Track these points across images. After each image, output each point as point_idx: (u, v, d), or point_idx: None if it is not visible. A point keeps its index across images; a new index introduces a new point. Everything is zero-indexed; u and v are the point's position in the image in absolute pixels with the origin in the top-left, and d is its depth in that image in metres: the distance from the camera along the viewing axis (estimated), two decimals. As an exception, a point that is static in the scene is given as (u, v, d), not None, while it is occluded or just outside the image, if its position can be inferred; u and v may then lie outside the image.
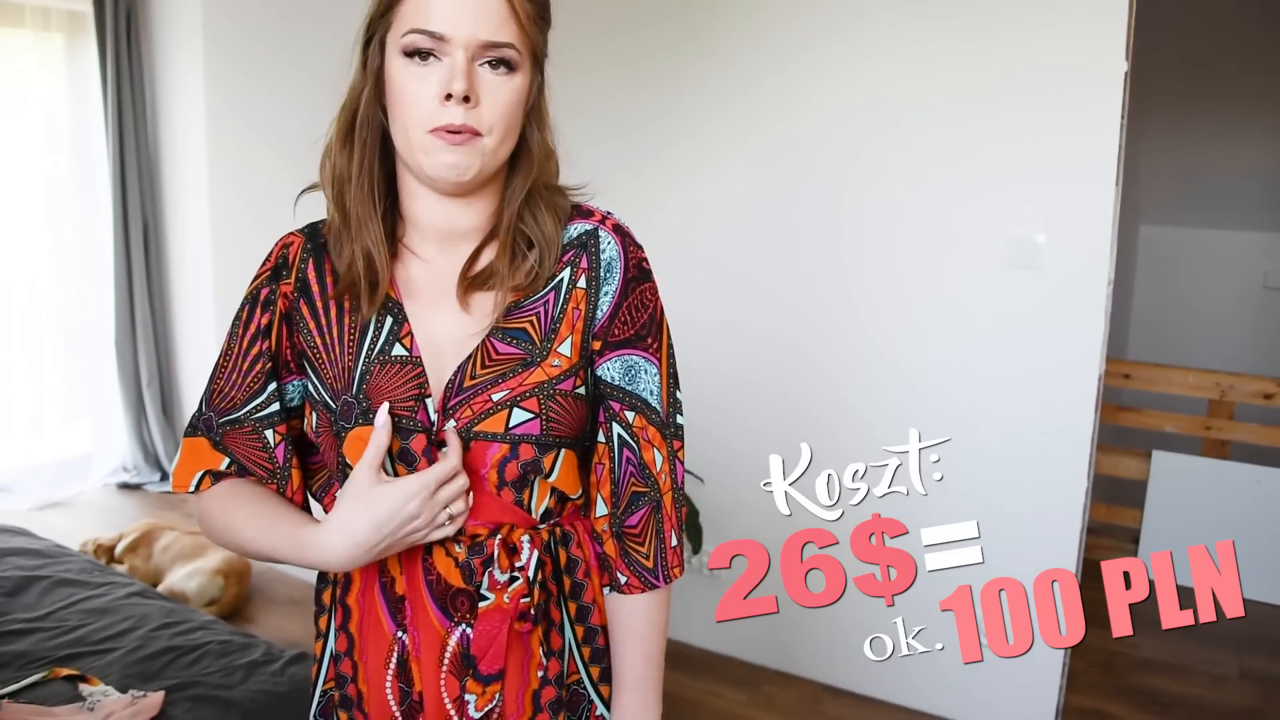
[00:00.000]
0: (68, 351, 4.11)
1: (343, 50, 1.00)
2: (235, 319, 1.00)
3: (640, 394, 0.99)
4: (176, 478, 1.01)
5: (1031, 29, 2.25)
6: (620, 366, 0.98)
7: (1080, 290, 2.27)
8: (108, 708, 1.69)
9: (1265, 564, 3.25)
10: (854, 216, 2.55)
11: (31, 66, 3.82)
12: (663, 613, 1.01)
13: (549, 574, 0.97)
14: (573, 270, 0.97)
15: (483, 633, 0.93)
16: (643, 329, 0.99)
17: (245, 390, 0.99)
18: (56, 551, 2.47)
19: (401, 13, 0.89)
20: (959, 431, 2.44)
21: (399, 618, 0.96)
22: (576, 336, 0.96)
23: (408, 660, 0.96)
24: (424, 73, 0.88)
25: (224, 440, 0.99)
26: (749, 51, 2.61)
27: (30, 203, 3.91)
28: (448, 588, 0.94)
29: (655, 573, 0.99)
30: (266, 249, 1.03)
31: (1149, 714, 2.65)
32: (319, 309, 0.98)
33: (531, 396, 0.93)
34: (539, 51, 0.94)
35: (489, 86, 0.89)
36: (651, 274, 1.02)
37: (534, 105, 0.95)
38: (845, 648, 2.61)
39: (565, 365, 0.95)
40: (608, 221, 1.00)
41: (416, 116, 0.89)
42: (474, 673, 0.94)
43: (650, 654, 1.00)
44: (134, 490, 4.17)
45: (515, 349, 0.94)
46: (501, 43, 0.88)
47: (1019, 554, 2.35)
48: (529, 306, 0.96)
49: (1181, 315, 4.48)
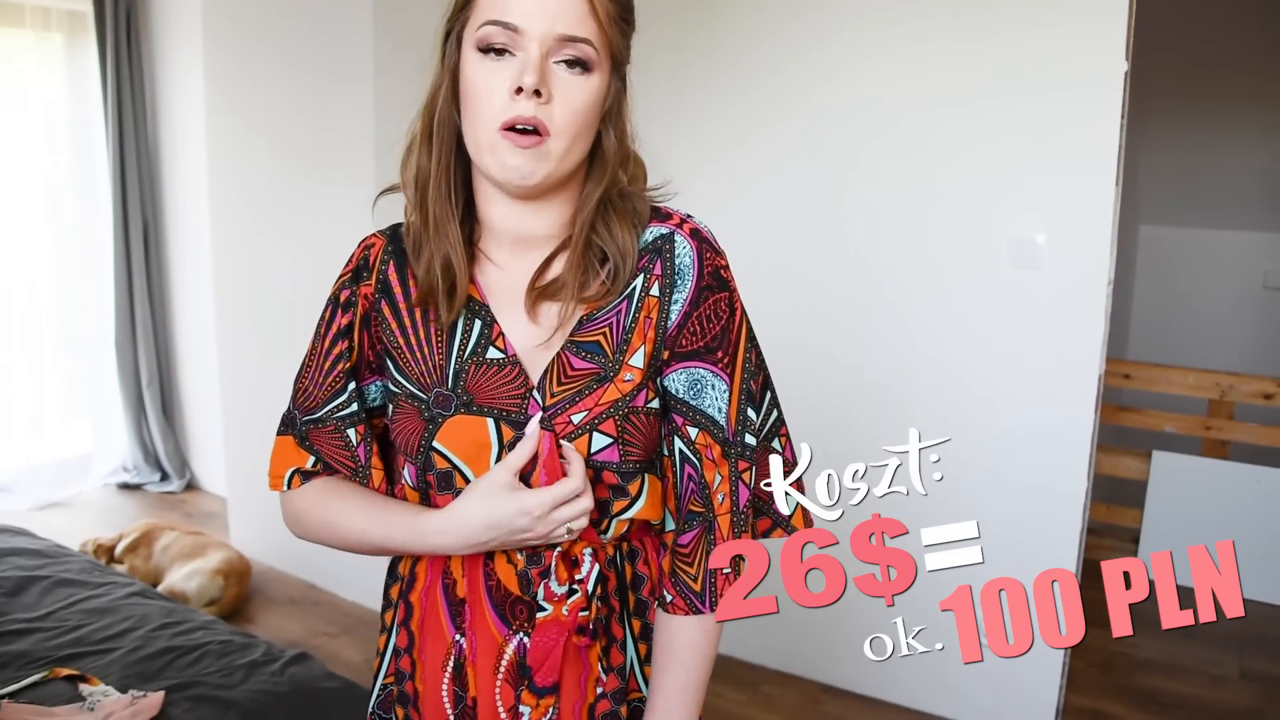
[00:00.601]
0: (68, 351, 4.11)
1: (343, 50, 1.00)
2: (319, 319, 1.00)
3: (705, 410, 0.94)
4: (272, 477, 1.02)
5: (1031, 29, 2.25)
6: (685, 379, 0.94)
7: (1080, 290, 2.27)
8: (108, 708, 1.69)
9: (1265, 564, 3.25)
10: (853, 217, 2.55)
11: (31, 66, 3.82)
12: (708, 643, 0.94)
13: (611, 589, 0.95)
14: (646, 277, 0.94)
15: (539, 644, 0.92)
16: (714, 341, 0.94)
17: (327, 389, 0.99)
18: (56, 551, 2.46)
19: (479, 6, 0.88)
20: (959, 431, 2.44)
21: (458, 621, 0.95)
22: (648, 346, 0.93)
23: (464, 664, 0.95)
24: (497, 67, 0.86)
25: (309, 438, 0.99)
26: (749, 52, 2.61)
27: (30, 203, 3.91)
28: (507, 594, 0.93)
29: (702, 597, 0.94)
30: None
31: (1149, 714, 2.65)
32: (401, 310, 0.97)
33: (608, 418, 0.91)
34: (618, 54, 0.91)
35: (562, 85, 0.86)
36: (730, 283, 0.96)
37: (611, 109, 0.92)
38: (845, 648, 2.61)
39: (637, 379, 0.93)
40: (685, 225, 0.96)
41: (487, 112, 0.86)
42: (529, 684, 0.92)
43: (686, 684, 0.94)
44: (134, 490, 4.17)
45: (589, 363, 0.92)
46: (578, 38, 0.86)
47: (1019, 554, 2.35)
48: (602, 317, 0.93)
49: (1181, 315, 4.48)
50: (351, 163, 2.86)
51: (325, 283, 1.06)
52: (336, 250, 3.16)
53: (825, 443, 2.42)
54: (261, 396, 3.32)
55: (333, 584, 3.20)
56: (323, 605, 3.11)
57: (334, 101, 2.89)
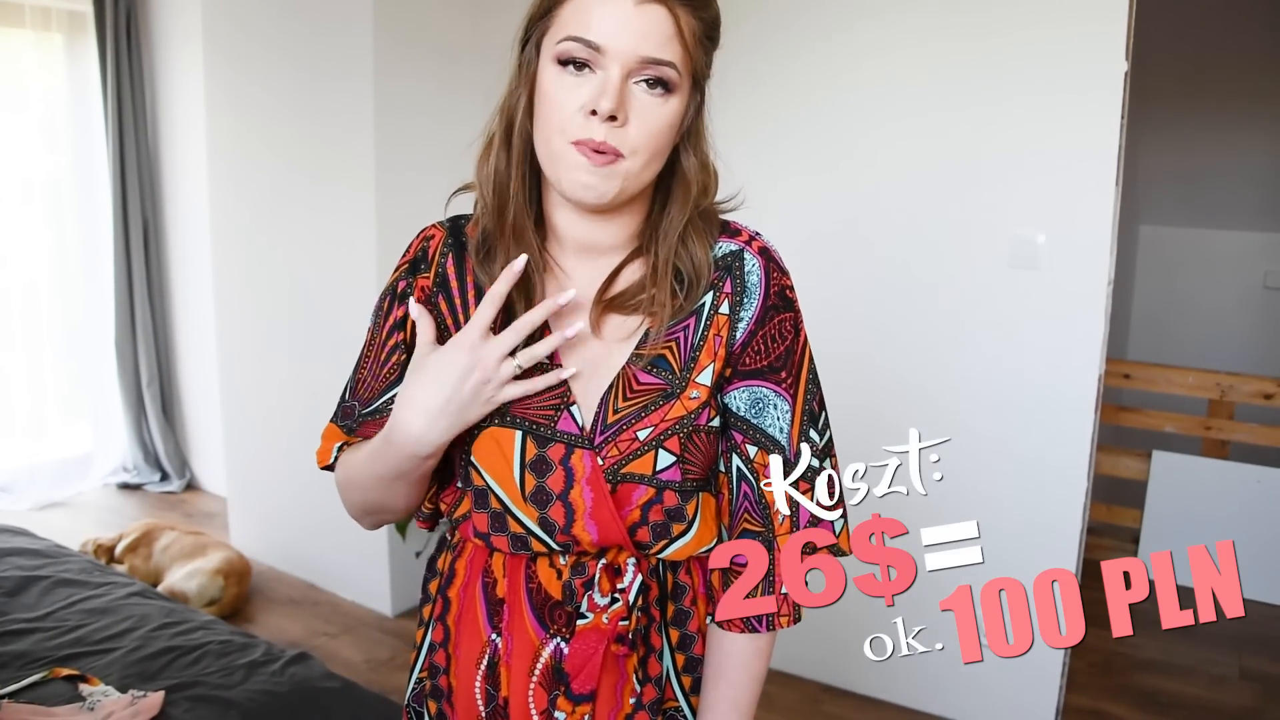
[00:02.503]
0: (68, 352, 4.10)
1: (343, 50, 0.99)
2: (375, 310, 0.99)
3: (766, 429, 0.92)
4: (319, 457, 1.00)
5: (1031, 29, 2.25)
6: (748, 398, 0.93)
7: (1080, 290, 2.28)
8: (108, 708, 1.69)
9: (1265, 564, 3.25)
10: (851, 217, 2.55)
11: (31, 66, 3.81)
12: (760, 661, 0.95)
13: (652, 599, 0.94)
14: (715, 294, 0.92)
15: (578, 651, 0.91)
16: (777, 361, 0.93)
17: (383, 380, 0.97)
18: (56, 551, 2.46)
19: (561, 17, 0.84)
20: (959, 431, 2.44)
21: (495, 620, 0.94)
22: (718, 364, 0.92)
23: (498, 664, 0.94)
24: (576, 83, 0.83)
25: (360, 430, 0.98)
26: (748, 53, 2.61)
27: (30, 203, 3.91)
28: (547, 598, 0.92)
29: (759, 617, 0.93)
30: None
31: (1149, 714, 2.65)
32: (457, 306, 0.95)
33: (673, 435, 0.90)
34: (700, 73, 0.88)
35: (640, 106, 0.83)
36: (795, 303, 0.96)
37: (690, 127, 0.90)
38: (845, 648, 2.61)
39: (703, 396, 0.91)
40: (754, 243, 0.95)
41: (559, 124, 0.84)
42: (566, 691, 0.91)
43: (737, 701, 0.94)
44: (134, 490, 4.17)
45: (656, 379, 0.91)
46: (662, 60, 0.82)
47: (1019, 554, 2.35)
48: (669, 332, 0.92)
49: (1181, 315, 4.49)
50: (351, 163, 2.86)
51: (325, 282, 1.06)
52: (336, 250, 3.18)
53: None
54: (261, 396, 3.32)
55: (333, 584, 3.20)
56: (323, 605, 3.11)
57: (334, 101, 2.88)
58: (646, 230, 0.94)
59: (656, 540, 0.93)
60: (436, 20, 2.87)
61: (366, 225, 2.83)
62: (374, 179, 2.81)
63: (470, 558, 0.98)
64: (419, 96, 2.84)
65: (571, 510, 0.90)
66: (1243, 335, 4.37)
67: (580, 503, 0.90)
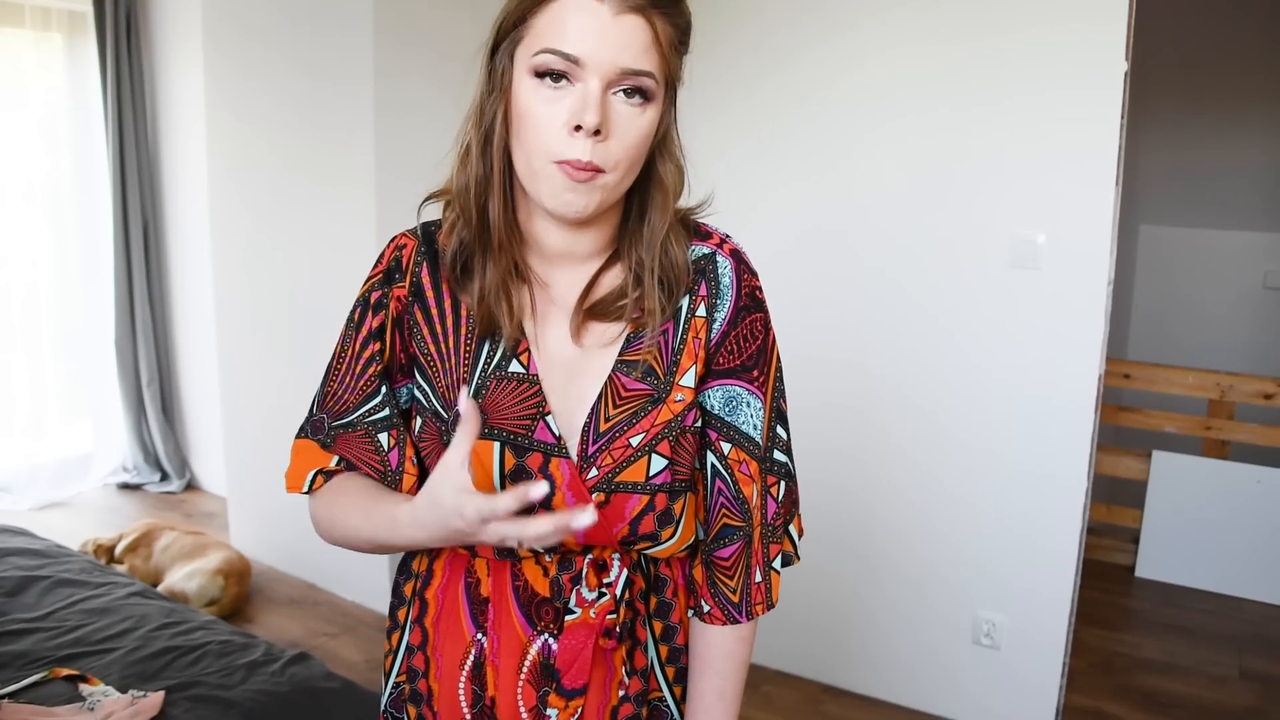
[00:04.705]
0: (68, 351, 4.10)
1: (343, 50, 0.99)
2: (348, 321, 0.98)
3: (740, 426, 0.95)
4: (289, 480, 0.97)
5: (1031, 29, 2.25)
6: (721, 396, 0.94)
7: (1080, 290, 2.28)
8: (108, 708, 1.69)
9: (1265, 564, 3.25)
10: (852, 217, 2.55)
11: (31, 66, 3.81)
12: (743, 649, 0.98)
13: (637, 593, 0.95)
14: (692, 298, 0.94)
15: (568, 646, 0.91)
16: (749, 360, 0.95)
17: (358, 393, 0.96)
18: (56, 551, 2.46)
19: (536, 27, 0.82)
20: (959, 432, 2.44)
21: (480, 619, 0.94)
22: (699, 366, 0.93)
23: (484, 663, 0.94)
24: (554, 96, 0.81)
25: (335, 443, 0.96)
26: (748, 54, 2.62)
27: (30, 203, 3.91)
28: (534, 595, 0.92)
29: (740, 608, 0.96)
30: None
31: (1149, 714, 2.65)
32: (434, 316, 0.94)
33: (663, 439, 0.90)
34: (675, 79, 0.89)
35: (620, 118, 0.82)
36: (764, 304, 0.98)
37: (663, 134, 0.90)
38: (845, 648, 2.61)
39: (688, 399, 0.92)
40: (725, 246, 0.97)
41: (541, 145, 0.82)
42: (557, 686, 0.91)
43: (723, 690, 0.97)
44: (134, 490, 4.17)
45: (643, 384, 0.91)
46: (641, 71, 0.82)
47: (1019, 554, 2.35)
48: (648, 336, 0.92)
49: (1181, 315, 4.49)
50: (351, 163, 2.86)
51: (325, 282, 1.05)
52: (336, 250, 3.18)
53: (823, 441, 2.45)
54: (261, 396, 3.32)
55: (333, 584, 3.20)
56: (323, 605, 3.11)
57: (334, 101, 2.88)
58: (623, 236, 0.94)
59: (643, 541, 0.93)
60: (436, 21, 2.86)
61: (366, 226, 2.83)
62: (374, 179, 2.81)
63: (450, 557, 0.97)
64: (419, 98, 2.84)
65: None
66: (1243, 335, 4.37)
67: (563, 509, 0.89)
